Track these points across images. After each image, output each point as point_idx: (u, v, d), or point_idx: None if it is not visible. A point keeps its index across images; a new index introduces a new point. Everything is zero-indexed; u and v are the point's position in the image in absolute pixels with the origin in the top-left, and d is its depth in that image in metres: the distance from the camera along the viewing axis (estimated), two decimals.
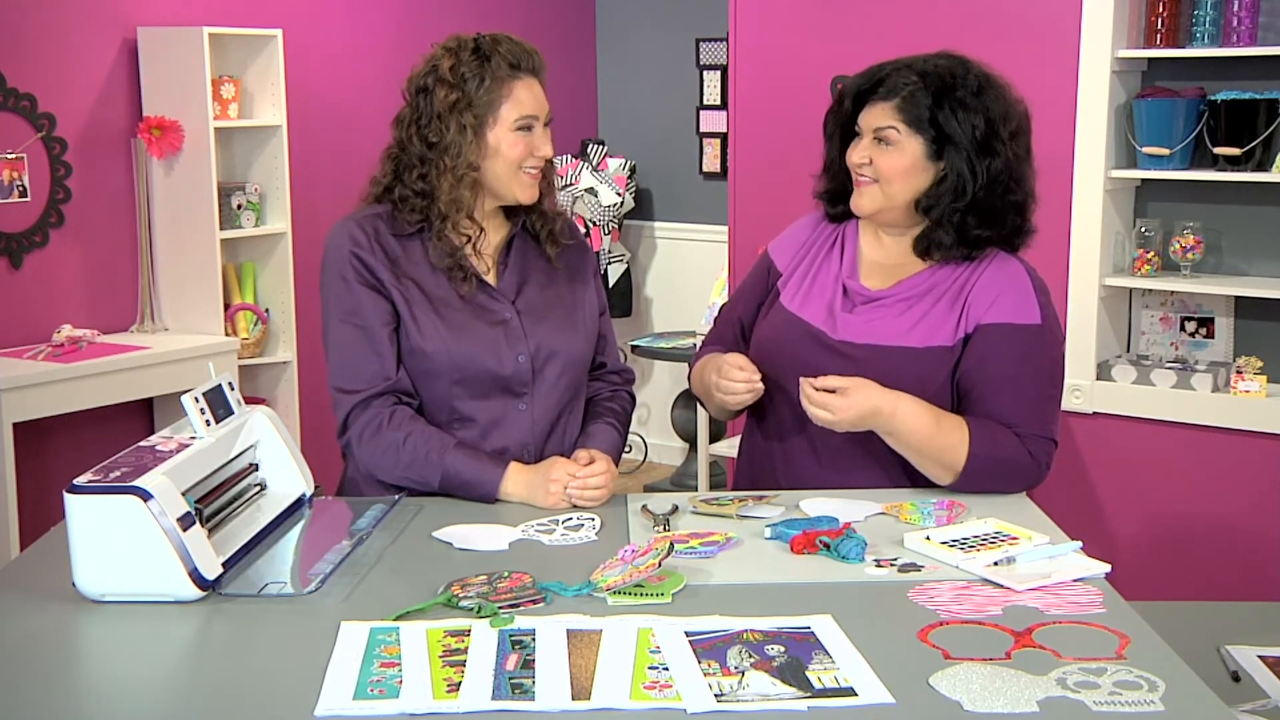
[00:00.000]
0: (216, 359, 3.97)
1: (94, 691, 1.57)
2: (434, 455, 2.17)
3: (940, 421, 2.16)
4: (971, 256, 2.24)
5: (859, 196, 2.27)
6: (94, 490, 1.71)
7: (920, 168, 2.22)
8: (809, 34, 3.99)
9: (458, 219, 2.23)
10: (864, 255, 2.34)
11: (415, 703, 1.46)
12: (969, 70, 2.22)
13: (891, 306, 2.25)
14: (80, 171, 4.32)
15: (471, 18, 5.07)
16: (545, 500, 2.14)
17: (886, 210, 2.26)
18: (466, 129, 2.20)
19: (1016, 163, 2.23)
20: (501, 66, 2.21)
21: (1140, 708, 1.44)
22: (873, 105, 2.24)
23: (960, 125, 2.18)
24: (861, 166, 2.25)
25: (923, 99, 2.19)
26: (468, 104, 2.20)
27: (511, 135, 2.22)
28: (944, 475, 2.18)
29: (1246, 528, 3.49)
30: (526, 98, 2.23)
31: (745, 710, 1.44)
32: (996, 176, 2.20)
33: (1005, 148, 2.21)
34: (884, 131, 2.22)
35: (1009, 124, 2.22)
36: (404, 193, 2.24)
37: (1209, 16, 3.44)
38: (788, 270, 2.38)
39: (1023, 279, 2.25)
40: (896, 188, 2.23)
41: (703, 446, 4.86)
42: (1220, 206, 3.59)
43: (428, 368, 2.23)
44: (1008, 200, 2.23)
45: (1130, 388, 3.60)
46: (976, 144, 2.19)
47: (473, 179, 2.22)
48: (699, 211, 5.86)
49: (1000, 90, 2.24)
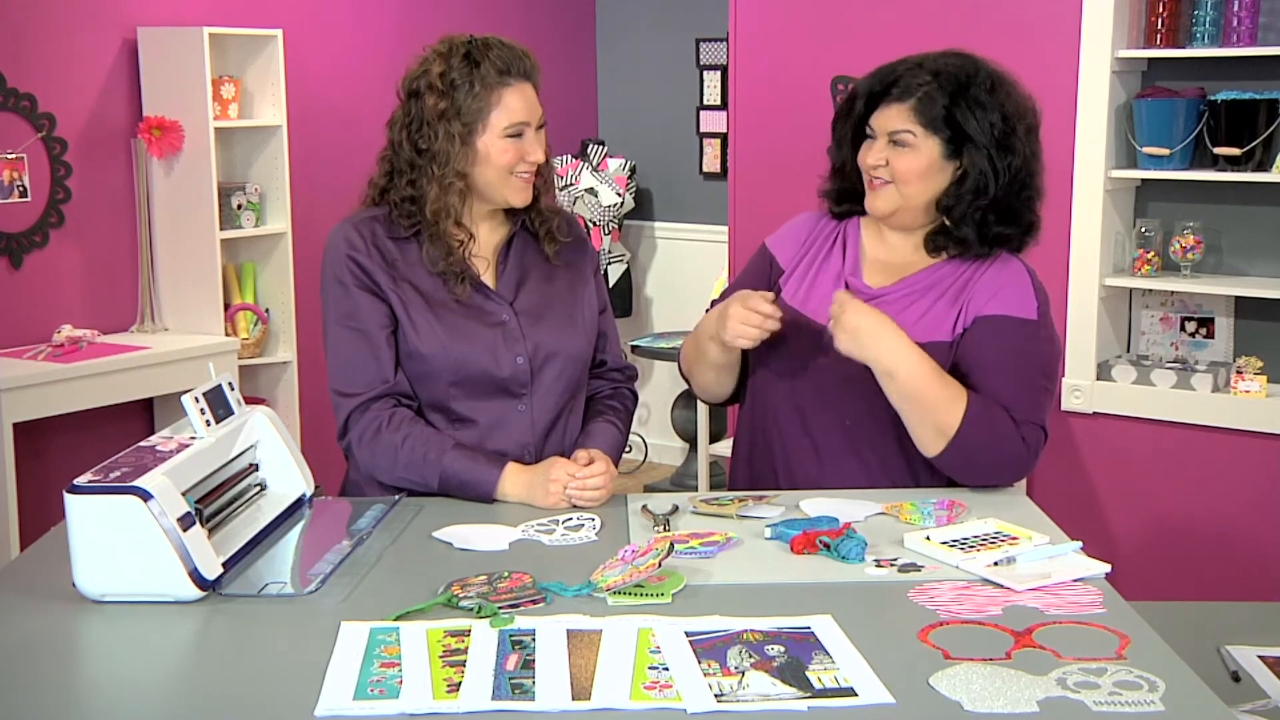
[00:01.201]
0: (216, 359, 3.97)
1: (94, 691, 1.57)
2: (432, 456, 2.17)
3: (942, 375, 2.15)
4: (987, 254, 2.24)
5: (875, 198, 2.26)
6: (94, 490, 1.71)
7: (937, 168, 2.22)
8: (809, 34, 3.99)
9: (445, 224, 2.22)
10: (866, 253, 2.33)
11: (415, 703, 1.46)
12: (980, 68, 2.22)
13: (894, 303, 2.25)
14: (80, 171, 4.32)
15: (472, 18, 5.08)
16: (544, 500, 2.14)
17: (903, 211, 2.26)
18: (455, 137, 2.19)
19: (1032, 159, 2.24)
20: (491, 73, 2.20)
21: (1140, 708, 1.44)
22: (886, 107, 2.23)
23: (979, 124, 2.18)
24: (877, 168, 2.24)
25: (939, 99, 2.19)
26: (456, 112, 2.19)
27: (501, 142, 2.21)
28: (936, 440, 2.15)
29: (1246, 528, 3.49)
30: (517, 104, 2.22)
31: (745, 710, 1.44)
32: (1016, 174, 2.21)
33: (1023, 144, 2.21)
34: (900, 134, 2.21)
35: (1025, 120, 2.23)
36: (396, 197, 2.24)
37: (1209, 16, 3.45)
38: (790, 266, 2.37)
39: (1024, 279, 2.25)
40: (913, 189, 2.23)
41: (703, 446, 4.86)
42: (1220, 206, 3.60)
43: (425, 370, 2.23)
44: (1024, 197, 2.24)
45: (1130, 388, 3.60)
46: (996, 142, 2.19)
47: (460, 187, 2.22)
48: (699, 211, 5.86)
49: (1012, 87, 2.24)
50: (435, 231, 2.22)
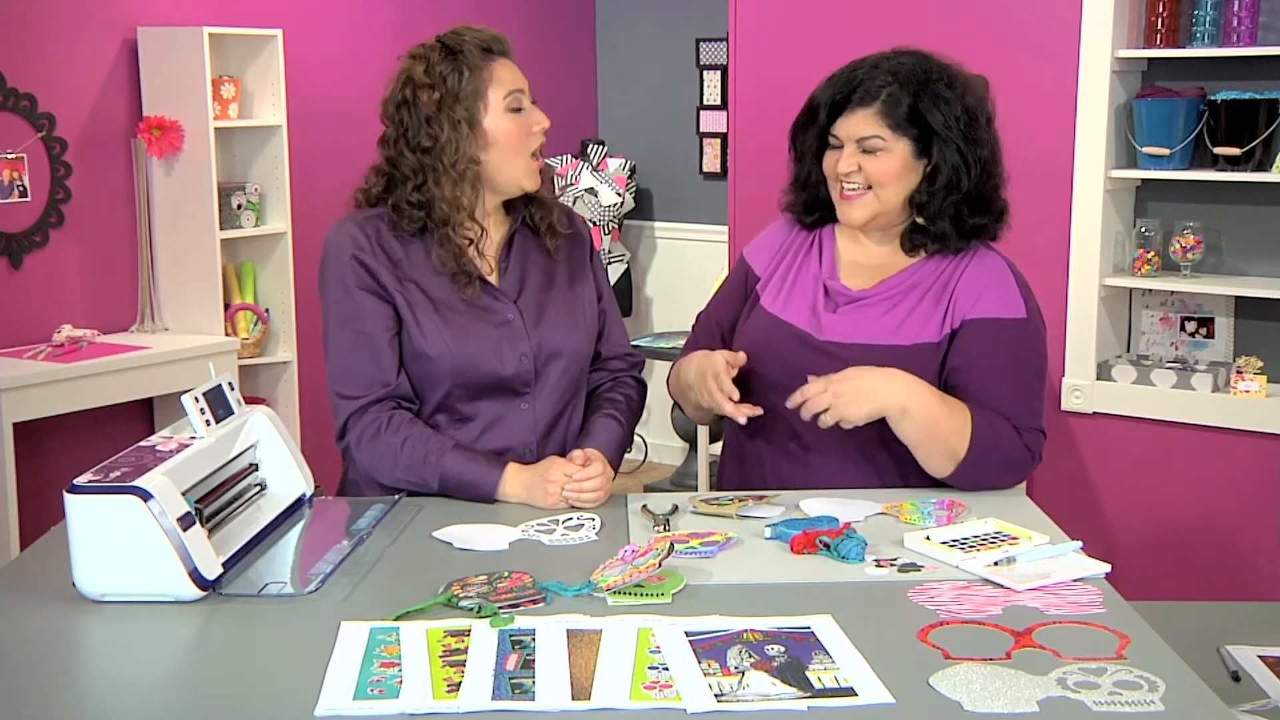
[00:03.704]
0: (216, 359, 3.98)
1: (94, 691, 1.57)
2: (432, 458, 2.17)
3: (946, 400, 2.16)
4: (965, 246, 2.25)
5: (850, 209, 2.26)
6: (94, 490, 1.71)
7: (910, 167, 2.23)
8: (809, 34, 3.99)
9: (459, 219, 2.21)
10: (843, 256, 2.33)
11: (415, 703, 1.46)
12: (933, 64, 2.24)
13: (876, 305, 2.25)
14: (80, 171, 4.32)
15: (471, 18, 5.06)
16: (544, 501, 2.14)
17: (881, 215, 2.26)
18: (460, 123, 2.19)
19: (996, 146, 2.25)
20: (475, 53, 2.21)
21: (1140, 708, 1.44)
22: (850, 114, 2.23)
23: (946, 118, 2.19)
24: (850, 175, 2.23)
25: (903, 99, 2.19)
26: (454, 99, 2.20)
27: (506, 117, 2.22)
28: (946, 463, 2.16)
29: (1246, 528, 3.49)
30: (507, 75, 2.23)
31: (745, 710, 1.44)
32: (985, 164, 2.22)
33: (986, 134, 2.23)
34: (869, 140, 2.21)
35: (984, 110, 2.24)
36: (400, 201, 2.23)
37: (1209, 16, 3.44)
38: (765, 274, 2.37)
39: (1005, 273, 2.25)
40: (889, 191, 2.23)
41: (703, 446, 4.86)
42: (1220, 206, 3.59)
43: (430, 370, 2.22)
44: (992, 185, 2.25)
45: (1130, 388, 3.60)
46: (964, 135, 2.20)
47: (474, 174, 2.22)
48: (699, 211, 5.86)
49: (966, 78, 2.25)
50: (445, 234, 2.22)
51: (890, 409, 2.12)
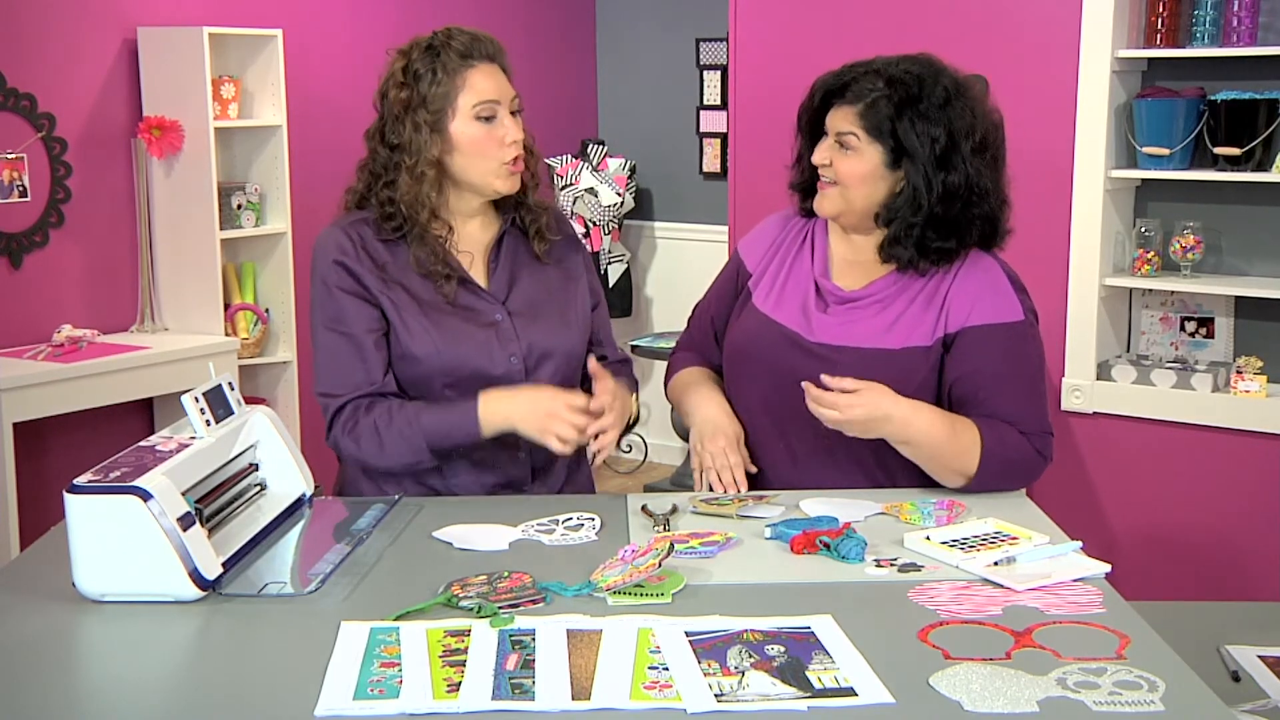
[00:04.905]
0: (216, 359, 3.97)
1: (94, 691, 1.57)
2: (412, 425, 2.17)
3: (954, 426, 2.15)
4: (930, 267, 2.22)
5: (821, 198, 2.28)
6: (94, 490, 1.71)
7: (879, 176, 2.21)
8: (809, 34, 3.99)
9: (421, 217, 2.22)
10: (834, 252, 2.33)
11: (415, 703, 1.46)
12: (939, 79, 2.19)
13: (867, 307, 2.25)
14: (80, 171, 4.32)
15: (471, 18, 5.06)
16: (535, 428, 2.14)
17: (846, 214, 2.26)
18: (422, 126, 2.20)
19: (979, 176, 2.19)
20: (453, 58, 2.21)
21: (1140, 708, 1.44)
22: (839, 107, 2.23)
23: (919, 138, 2.16)
24: (823, 167, 2.25)
25: (885, 108, 2.18)
26: (422, 101, 2.20)
27: (474, 125, 2.21)
28: (955, 480, 2.17)
29: (1246, 528, 3.49)
30: (483, 84, 2.22)
31: (745, 710, 1.44)
32: (954, 191, 2.18)
33: (965, 162, 2.17)
34: (845, 136, 2.21)
35: (973, 136, 2.18)
36: (377, 200, 2.25)
37: (1209, 16, 3.44)
38: (758, 270, 2.37)
39: (999, 276, 2.24)
40: (855, 193, 2.23)
41: None
42: (1220, 206, 3.59)
43: (419, 372, 2.23)
44: (971, 213, 2.20)
45: (1130, 388, 3.60)
46: (935, 158, 2.17)
47: (433, 176, 2.21)
48: (699, 211, 5.86)
49: (969, 101, 2.20)
50: (419, 231, 2.22)
51: (893, 438, 2.15)
